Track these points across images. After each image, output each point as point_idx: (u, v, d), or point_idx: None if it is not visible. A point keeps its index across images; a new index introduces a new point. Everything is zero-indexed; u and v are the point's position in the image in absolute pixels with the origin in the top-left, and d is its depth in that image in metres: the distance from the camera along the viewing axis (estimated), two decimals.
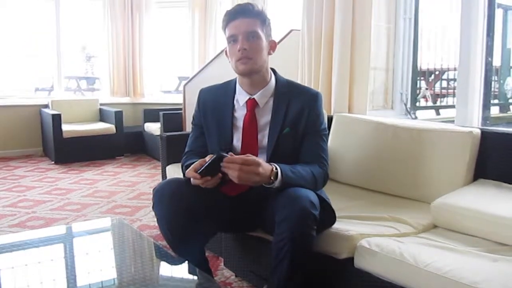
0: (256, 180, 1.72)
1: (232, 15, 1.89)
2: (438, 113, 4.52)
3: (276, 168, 1.75)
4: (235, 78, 2.03)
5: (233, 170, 1.68)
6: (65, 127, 5.52)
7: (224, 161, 1.70)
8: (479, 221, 1.79)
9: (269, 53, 1.95)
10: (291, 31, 3.72)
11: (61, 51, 6.41)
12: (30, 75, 7.03)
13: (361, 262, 1.76)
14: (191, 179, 1.77)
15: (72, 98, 6.88)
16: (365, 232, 1.84)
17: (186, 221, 1.80)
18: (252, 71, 1.90)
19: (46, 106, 6.02)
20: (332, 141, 2.66)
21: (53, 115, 5.41)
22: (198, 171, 1.72)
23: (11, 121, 5.98)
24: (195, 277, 1.68)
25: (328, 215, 1.86)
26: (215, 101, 2.03)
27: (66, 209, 3.67)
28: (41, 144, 6.09)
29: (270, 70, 2.00)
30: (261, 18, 1.90)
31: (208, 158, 1.74)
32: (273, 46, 1.97)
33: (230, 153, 1.75)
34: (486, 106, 2.77)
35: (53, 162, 5.52)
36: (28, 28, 6.63)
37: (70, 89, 7.82)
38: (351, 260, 1.80)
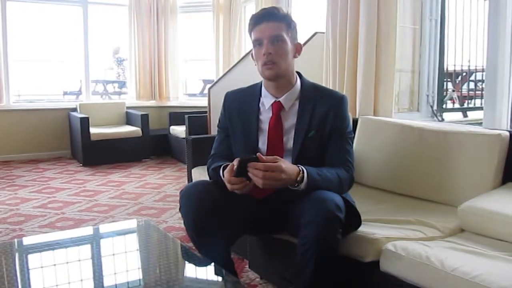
0: (280, 184, 1.73)
1: (258, 19, 1.90)
2: (465, 115, 4.44)
3: (303, 171, 1.76)
4: (261, 82, 2.04)
5: (256, 176, 1.70)
6: (92, 130, 5.62)
7: (249, 166, 1.71)
8: (508, 225, 1.76)
9: (294, 56, 1.96)
10: (315, 33, 3.71)
11: (88, 56, 6.53)
12: (58, 79, 7.18)
13: (386, 266, 1.75)
14: (228, 185, 1.78)
15: (99, 102, 7.00)
16: (391, 235, 1.82)
17: (212, 222, 1.82)
18: (277, 76, 1.91)
19: (74, 109, 6.14)
20: (358, 144, 2.64)
21: (81, 118, 5.52)
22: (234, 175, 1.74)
23: (40, 124, 6.13)
24: (221, 278, 1.69)
25: (353, 218, 1.85)
26: (241, 104, 2.05)
27: (94, 210, 3.74)
28: (70, 146, 6.21)
29: (295, 73, 2.01)
30: (286, 21, 1.91)
31: (235, 163, 1.75)
32: (298, 49, 1.97)
33: (258, 154, 1.76)
34: None
35: (81, 165, 5.63)
36: (57, 34, 6.78)
37: (97, 93, 7.95)
38: (376, 263, 1.79)
